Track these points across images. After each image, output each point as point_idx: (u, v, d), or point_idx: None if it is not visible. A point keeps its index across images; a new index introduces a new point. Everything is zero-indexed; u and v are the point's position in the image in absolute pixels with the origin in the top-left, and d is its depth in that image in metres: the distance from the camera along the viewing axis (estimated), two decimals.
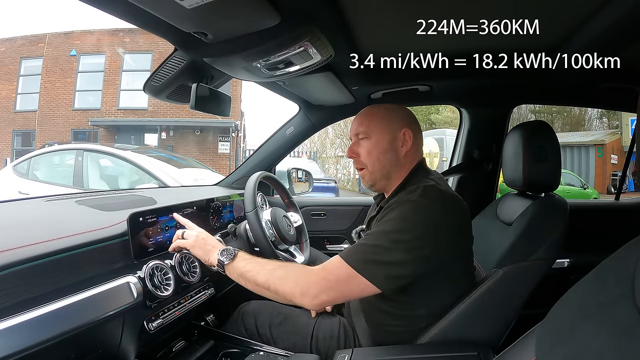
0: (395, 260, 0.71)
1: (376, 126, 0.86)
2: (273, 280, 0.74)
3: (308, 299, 0.71)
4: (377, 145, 0.85)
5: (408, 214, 0.74)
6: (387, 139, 0.85)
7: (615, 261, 0.38)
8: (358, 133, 0.87)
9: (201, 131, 10.39)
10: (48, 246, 0.69)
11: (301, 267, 0.75)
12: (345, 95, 1.29)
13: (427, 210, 0.74)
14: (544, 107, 15.14)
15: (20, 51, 10.50)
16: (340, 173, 14.90)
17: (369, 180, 0.88)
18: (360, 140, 0.87)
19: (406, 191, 0.79)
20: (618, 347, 0.30)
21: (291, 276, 0.74)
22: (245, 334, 0.99)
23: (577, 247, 1.26)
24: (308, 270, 0.74)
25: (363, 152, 0.86)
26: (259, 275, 0.75)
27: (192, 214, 1.07)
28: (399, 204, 0.75)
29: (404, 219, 0.73)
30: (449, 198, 0.78)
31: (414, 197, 0.75)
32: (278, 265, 0.77)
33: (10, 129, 10.66)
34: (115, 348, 0.76)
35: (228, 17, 0.65)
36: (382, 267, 0.71)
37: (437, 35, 0.93)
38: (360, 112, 0.91)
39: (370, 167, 0.86)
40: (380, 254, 0.71)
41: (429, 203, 0.74)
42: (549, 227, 0.87)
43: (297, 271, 0.75)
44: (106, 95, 10.31)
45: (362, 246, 0.74)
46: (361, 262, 0.71)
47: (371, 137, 0.86)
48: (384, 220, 0.75)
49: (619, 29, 0.79)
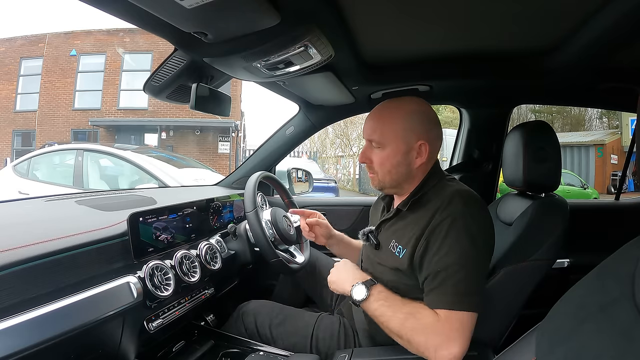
0: (481, 281, 0.75)
1: (391, 136, 0.80)
2: (405, 332, 0.72)
3: (443, 355, 0.68)
4: (391, 157, 0.81)
5: (470, 230, 0.73)
6: (402, 151, 0.80)
7: (615, 261, 0.38)
8: (371, 140, 0.83)
9: (201, 131, 10.38)
10: (48, 246, 0.69)
11: (430, 320, 0.70)
12: (345, 95, 1.29)
13: (480, 218, 0.76)
14: (544, 107, 15.15)
15: (20, 51, 10.49)
16: (340, 173, 14.89)
17: (378, 186, 0.86)
18: (374, 147, 0.83)
19: (441, 202, 0.76)
20: (618, 347, 0.30)
21: (421, 329, 0.70)
22: (245, 334, 0.99)
23: (577, 247, 1.26)
24: (435, 324, 0.70)
25: (376, 160, 0.83)
26: (391, 323, 0.74)
27: (192, 214, 1.08)
28: (452, 223, 0.73)
29: (469, 236, 0.72)
30: (480, 200, 0.79)
31: (459, 208, 0.74)
32: (409, 314, 0.73)
33: (10, 129, 10.66)
34: (115, 348, 0.76)
35: (228, 17, 0.65)
36: (478, 293, 0.73)
37: (437, 35, 0.94)
38: (376, 111, 0.84)
39: (380, 176, 0.84)
40: (472, 283, 0.71)
41: (478, 208, 0.77)
42: (549, 227, 0.87)
43: (426, 325, 0.70)
44: (106, 95, 10.31)
45: (457, 284, 0.71)
46: (467, 298, 0.70)
47: (385, 147, 0.81)
48: (450, 245, 0.72)
49: (619, 29, 0.78)
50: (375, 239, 0.86)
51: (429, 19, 0.84)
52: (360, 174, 13.01)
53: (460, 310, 0.70)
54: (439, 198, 0.78)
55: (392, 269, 0.81)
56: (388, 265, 0.81)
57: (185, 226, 1.04)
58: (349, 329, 0.94)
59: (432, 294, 0.73)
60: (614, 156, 11.69)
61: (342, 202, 1.73)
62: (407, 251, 0.77)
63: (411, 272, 0.77)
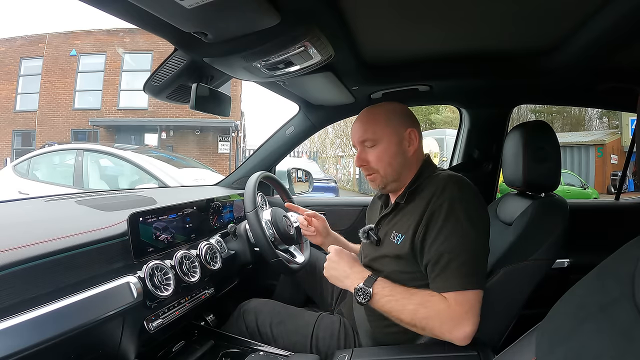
0: (483, 261, 0.77)
1: (383, 131, 0.84)
2: (419, 321, 0.73)
3: (458, 336, 0.71)
4: (387, 150, 0.84)
5: (468, 212, 0.75)
6: (395, 141, 0.84)
7: (615, 261, 0.38)
8: (364, 140, 0.86)
9: (201, 131, 10.39)
10: (48, 246, 0.69)
11: (441, 307, 0.72)
12: (345, 95, 1.29)
13: (476, 201, 0.79)
14: (544, 107, 15.15)
15: (20, 51, 10.50)
16: (340, 173, 14.90)
17: (381, 184, 0.87)
18: (367, 147, 0.86)
19: (435, 188, 0.78)
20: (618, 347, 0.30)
21: (435, 316, 0.72)
22: (246, 332, 0.99)
23: (577, 247, 1.26)
24: (447, 310, 0.72)
25: (372, 158, 0.85)
26: (402, 315, 0.75)
27: (192, 214, 1.08)
28: (450, 206, 0.75)
29: (468, 219, 0.75)
30: (473, 185, 0.82)
31: (455, 193, 0.76)
32: (419, 304, 0.74)
33: (10, 129, 10.66)
34: (115, 348, 0.76)
35: (228, 17, 0.65)
36: (482, 273, 0.76)
37: (438, 35, 0.94)
38: (361, 117, 0.89)
39: (382, 172, 0.85)
40: (475, 264, 0.74)
41: (473, 194, 0.79)
42: (549, 227, 0.87)
43: (438, 312, 0.72)
44: (106, 95, 10.31)
45: (461, 266, 0.72)
46: (473, 278, 0.73)
47: (379, 143, 0.84)
48: (450, 229, 0.74)
49: (619, 29, 0.78)
50: (375, 235, 0.87)
51: (429, 19, 0.84)
52: (360, 174, 13.00)
53: (467, 290, 0.72)
54: (432, 185, 0.80)
55: (392, 257, 0.82)
56: (389, 255, 0.82)
57: (185, 226, 1.04)
58: (349, 329, 0.94)
59: (438, 279, 0.74)
60: (614, 156, 11.69)
61: (342, 202, 1.73)
62: (405, 237, 0.79)
63: (412, 258, 0.79)
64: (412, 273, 0.80)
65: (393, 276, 0.80)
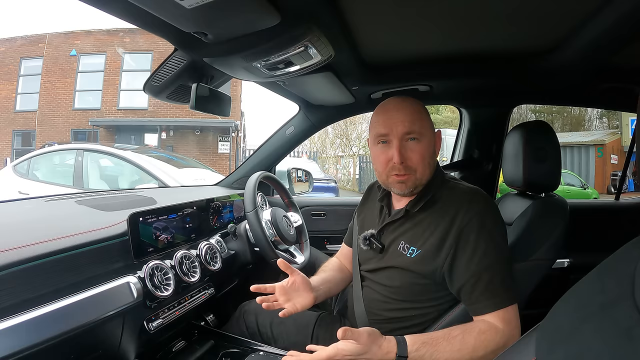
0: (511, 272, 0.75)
1: (427, 126, 0.77)
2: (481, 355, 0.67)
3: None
4: (428, 148, 0.77)
5: (498, 225, 0.75)
6: (432, 141, 0.79)
7: (615, 261, 0.38)
8: (410, 132, 0.76)
9: (201, 131, 10.39)
10: (48, 246, 0.69)
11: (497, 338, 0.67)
12: (345, 95, 1.29)
13: (499, 213, 0.77)
14: (544, 107, 15.17)
15: (20, 51, 10.50)
16: (340, 173, 14.89)
17: (412, 187, 0.78)
18: (409, 141, 0.76)
19: (459, 202, 0.75)
20: (618, 347, 0.30)
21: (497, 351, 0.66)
22: (246, 332, 0.99)
23: (577, 247, 1.26)
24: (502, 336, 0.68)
25: (415, 156, 0.76)
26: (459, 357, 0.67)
27: (192, 214, 1.08)
28: (481, 223, 0.72)
29: (499, 232, 0.75)
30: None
31: (482, 207, 0.75)
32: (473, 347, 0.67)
33: (10, 129, 10.66)
34: (115, 348, 0.76)
35: (228, 17, 0.65)
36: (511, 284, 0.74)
37: (437, 35, 0.94)
38: (401, 107, 0.78)
39: (419, 173, 0.77)
40: (510, 277, 0.73)
41: (495, 205, 0.78)
42: (549, 227, 0.87)
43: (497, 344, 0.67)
44: (106, 95, 10.31)
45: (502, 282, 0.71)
46: (512, 292, 0.72)
47: (422, 139, 0.76)
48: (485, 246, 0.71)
49: (619, 29, 0.78)
50: (379, 242, 0.84)
51: (429, 19, 0.84)
52: (360, 174, 13.02)
53: (510, 305, 0.71)
54: (453, 198, 0.77)
55: (401, 270, 0.79)
56: (399, 267, 0.79)
57: (185, 226, 1.04)
58: None
59: (482, 299, 0.71)
60: (614, 156, 11.70)
61: (342, 202, 1.73)
62: (422, 252, 0.76)
63: (430, 274, 0.75)
64: (424, 285, 0.78)
65: (404, 290, 0.79)
